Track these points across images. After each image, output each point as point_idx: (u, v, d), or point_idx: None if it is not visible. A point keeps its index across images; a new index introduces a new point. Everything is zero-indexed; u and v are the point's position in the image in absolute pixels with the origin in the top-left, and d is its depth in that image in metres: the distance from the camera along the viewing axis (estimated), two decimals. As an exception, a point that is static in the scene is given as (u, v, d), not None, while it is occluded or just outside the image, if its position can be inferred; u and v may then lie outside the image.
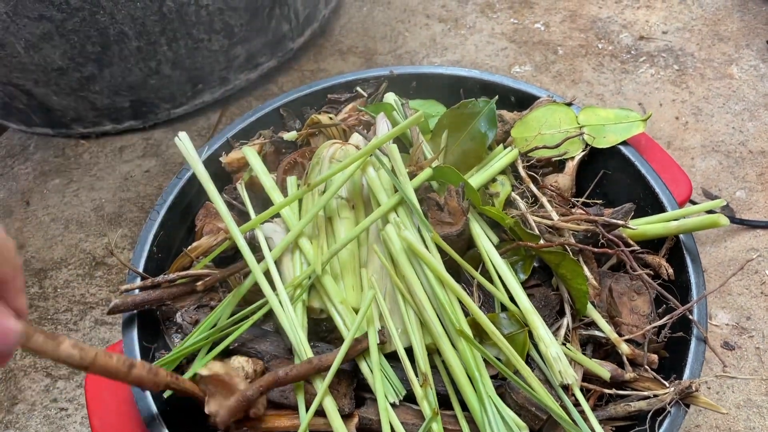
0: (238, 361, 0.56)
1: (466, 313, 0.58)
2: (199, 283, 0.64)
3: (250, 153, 0.72)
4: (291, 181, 0.71)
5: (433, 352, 0.59)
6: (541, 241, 0.64)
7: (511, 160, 0.72)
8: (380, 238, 0.62)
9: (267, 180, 0.70)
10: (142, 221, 1.08)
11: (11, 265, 0.37)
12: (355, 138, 0.76)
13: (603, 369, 0.57)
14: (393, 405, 0.56)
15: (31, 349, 0.38)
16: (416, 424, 0.56)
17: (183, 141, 0.67)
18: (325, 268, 0.62)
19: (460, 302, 0.58)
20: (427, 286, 0.59)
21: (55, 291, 1.00)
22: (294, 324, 0.57)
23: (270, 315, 0.64)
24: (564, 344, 0.59)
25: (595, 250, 0.62)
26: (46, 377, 0.90)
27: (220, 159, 0.77)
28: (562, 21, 1.40)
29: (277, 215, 0.71)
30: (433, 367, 0.59)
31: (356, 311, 0.61)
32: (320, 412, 0.55)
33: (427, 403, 0.55)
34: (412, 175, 0.66)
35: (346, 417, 0.55)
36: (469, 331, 0.56)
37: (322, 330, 0.66)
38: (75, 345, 0.40)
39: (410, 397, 0.58)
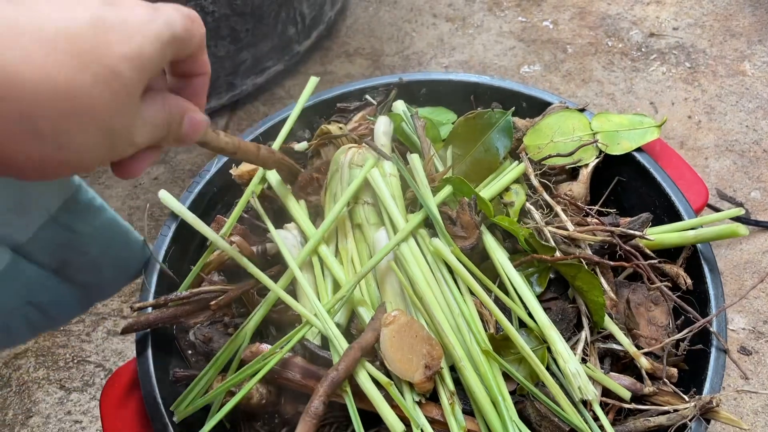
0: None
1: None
2: (212, 303, 0.64)
3: (272, 176, 0.72)
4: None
5: (455, 368, 0.59)
6: (558, 253, 0.63)
7: (520, 172, 0.71)
8: (395, 256, 0.62)
9: (294, 207, 0.70)
10: (152, 230, 1.08)
11: (197, 40, 0.38)
12: (379, 131, 0.75)
13: (623, 388, 0.57)
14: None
15: (201, 141, 0.44)
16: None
17: (167, 199, 0.70)
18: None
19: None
20: (444, 306, 0.58)
21: (67, 302, 1.00)
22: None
23: (283, 330, 0.64)
24: (584, 360, 0.59)
25: (613, 264, 0.61)
26: (60, 389, 0.90)
27: (231, 171, 0.77)
28: (571, 18, 1.39)
29: (290, 220, 0.71)
30: (458, 383, 0.59)
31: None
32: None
33: (455, 421, 0.54)
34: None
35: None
36: (492, 352, 0.56)
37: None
38: (227, 134, 0.48)
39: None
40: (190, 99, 0.41)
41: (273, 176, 0.72)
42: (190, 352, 0.66)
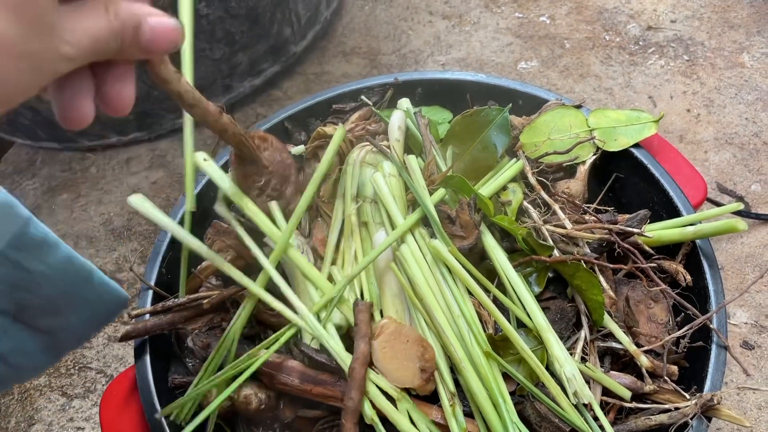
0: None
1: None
2: (205, 301, 0.64)
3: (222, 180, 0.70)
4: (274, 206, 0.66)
5: (455, 370, 0.59)
6: (556, 252, 0.63)
7: (517, 170, 0.70)
8: (394, 257, 0.62)
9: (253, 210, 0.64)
10: (151, 234, 1.08)
11: None
12: (394, 126, 0.74)
13: (623, 388, 0.56)
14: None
15: (161, 74, 0.40)
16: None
17: (138, 202, 0.60)
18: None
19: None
20: (444, 307, 0.58)
21: (67, 308, 1.00)
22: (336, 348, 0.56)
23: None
24: (583, 359, 0.58)
25: (612, 266, 0.61)
26: (62, 396, 0.90)
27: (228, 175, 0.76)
28: (568, 13, 1.38)
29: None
30: (457, 384, 0.58)
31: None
32: None
33: (456, 423, 0.54)
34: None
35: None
36: (493, 353, 0.56)
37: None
38: (191, 86, 0.44)
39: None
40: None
41: (223, 180, 0.64)
42: (188, 358, 0.66)
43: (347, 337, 0.62)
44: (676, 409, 0.57)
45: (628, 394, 0.57)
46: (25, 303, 0.53)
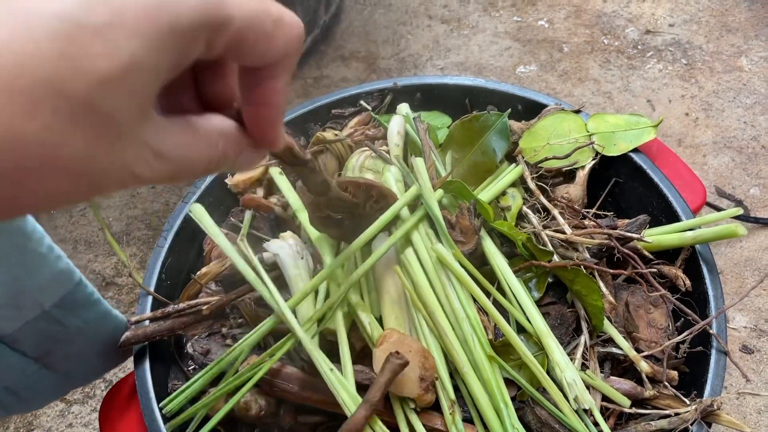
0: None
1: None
2: (205, 307, 0.64)
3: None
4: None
5: (455, 375, 0.59)
6: (555, 257, 0.63)
7: (517, 175, 0.70)
8: (398, 261, 0.62)
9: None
10: (150, 239, 1.07)
11: (285, 47, 0.27)
12: (393, 131, 0.74)
13: (622, 396, 0.56)
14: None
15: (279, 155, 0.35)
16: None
17: (198, 212, 0.67)
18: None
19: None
20: (449, 311, 0.58)
21: (66, 313, 1.00)
22: (319, 359, 0.56)
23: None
24: (583, 365, 0.58)
25: (612, 271, 0.61)
26: (61, 402, 0.90)
27: (226, 181, 0.77)
28: (567, 17, 1.38)
29: (285, 230, 0.71)
30: (456, 389, 0.58)
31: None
32: None
33: (456, 430, 0.54)
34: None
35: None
36: (497, 357, 0.56)
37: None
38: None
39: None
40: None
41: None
42: (189, 365, 0.66)
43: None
44: (676, 414, 0.57)
45: (627, 403, 0.57)
46: (53, 351, 0.55)
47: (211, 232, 0.66)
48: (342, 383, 0.53)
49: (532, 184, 0.70)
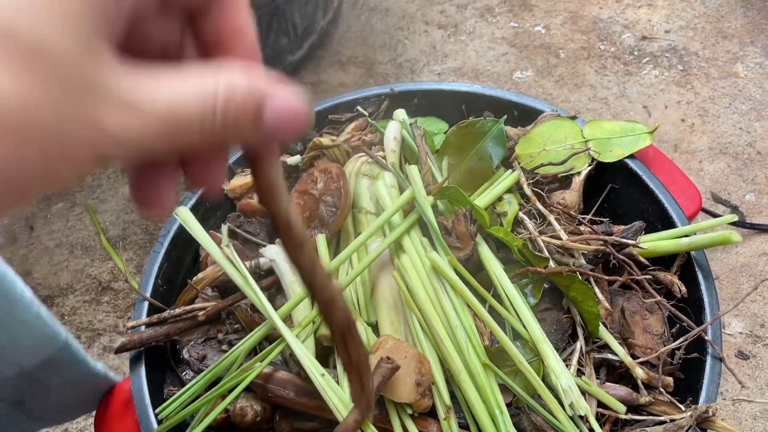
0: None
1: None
2: (201, 313, 0.64)
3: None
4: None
5: (450, 381, 0.59)
6: (551, 263, 0.63)
7: (513, 181, 0.71)
8: (395, 266, 0.62)
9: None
10: (146, 244, 1.07)
11: None
12: (389, 137, 0.75)
13: (617, 402, 0.56)
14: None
15: (266, 182, 0.25)
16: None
17: (184, 215, 0.65)
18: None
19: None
20: (443, 318, 0.58)
21: (62, 318, 1.00)
22: (309, 363, 0.56)
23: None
24: (579, 371, 0.58)
25: (608, 277, 0.61)
26: (57, 407, 0.90)
27: (223, 186, 0.77)
28: (563, 23, 1.39)
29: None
30: (452, 395, 0.58)
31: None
32: None
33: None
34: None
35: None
36: (492, 364, 0.56)
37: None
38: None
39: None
40: None
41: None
42: (185, 370, 0.65)
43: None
44: (672, 420, 0.57)
45: (622, 409, 0.57)
46: (29, 402, 0.55)
47: (198, 235, 0.66)
48: (333, 389, 0.53)
49: (528, 190, 0.70)
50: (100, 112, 0.18)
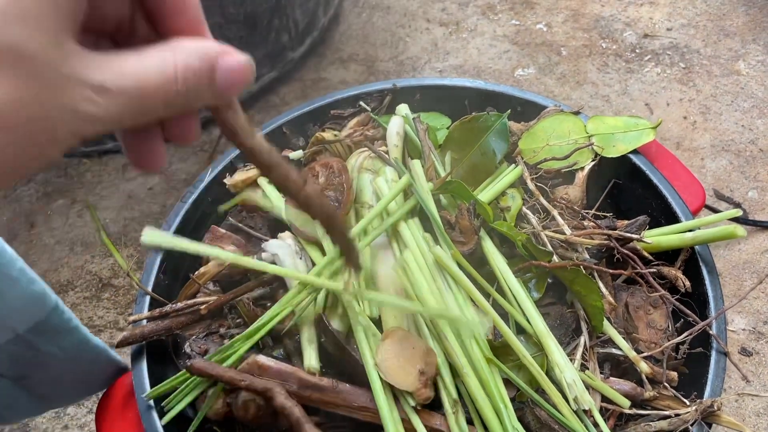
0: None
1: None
2: (203, 306, 0.63)
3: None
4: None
5: (454, 376, 0.58)
6: (555, 258, 0.63)
7: (516, 176, 0.70)
8: (398, 262, 0.61)
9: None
10: (147, 240, 1.07)
11: None
12: (392, 132, 0.74)
13: (621, 396, 0.56)
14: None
15: (229, 128, 0.30)
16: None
17: (151, 237, 0.52)
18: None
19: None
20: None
21: (62, 314, 0.99)
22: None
23: (280, 341, 0.63)
24: (583, 366, 0.58)
25: (612, 271, 0.61)
26: (57, 403, 0.90)
27: (225, 181, 0.76)
28: (565, 21, 1.39)
29: (284, 230, 0.71)
30: (457, 391, 0.58)
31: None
32: None
33: (459, 430, 0.54)
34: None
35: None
36: (495, 359, 0.56)
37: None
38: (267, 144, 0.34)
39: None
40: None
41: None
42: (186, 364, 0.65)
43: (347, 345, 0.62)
44: (676, 415, 0.57)
45: (626, 404, 0.56)
46: (29, 375, 0.55)
47: (183, 247, 0.60)
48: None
49: (531, 185, 0.70)
50: (75, 98, 0.22)
